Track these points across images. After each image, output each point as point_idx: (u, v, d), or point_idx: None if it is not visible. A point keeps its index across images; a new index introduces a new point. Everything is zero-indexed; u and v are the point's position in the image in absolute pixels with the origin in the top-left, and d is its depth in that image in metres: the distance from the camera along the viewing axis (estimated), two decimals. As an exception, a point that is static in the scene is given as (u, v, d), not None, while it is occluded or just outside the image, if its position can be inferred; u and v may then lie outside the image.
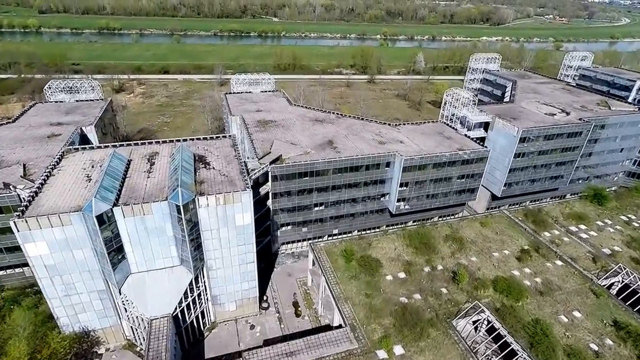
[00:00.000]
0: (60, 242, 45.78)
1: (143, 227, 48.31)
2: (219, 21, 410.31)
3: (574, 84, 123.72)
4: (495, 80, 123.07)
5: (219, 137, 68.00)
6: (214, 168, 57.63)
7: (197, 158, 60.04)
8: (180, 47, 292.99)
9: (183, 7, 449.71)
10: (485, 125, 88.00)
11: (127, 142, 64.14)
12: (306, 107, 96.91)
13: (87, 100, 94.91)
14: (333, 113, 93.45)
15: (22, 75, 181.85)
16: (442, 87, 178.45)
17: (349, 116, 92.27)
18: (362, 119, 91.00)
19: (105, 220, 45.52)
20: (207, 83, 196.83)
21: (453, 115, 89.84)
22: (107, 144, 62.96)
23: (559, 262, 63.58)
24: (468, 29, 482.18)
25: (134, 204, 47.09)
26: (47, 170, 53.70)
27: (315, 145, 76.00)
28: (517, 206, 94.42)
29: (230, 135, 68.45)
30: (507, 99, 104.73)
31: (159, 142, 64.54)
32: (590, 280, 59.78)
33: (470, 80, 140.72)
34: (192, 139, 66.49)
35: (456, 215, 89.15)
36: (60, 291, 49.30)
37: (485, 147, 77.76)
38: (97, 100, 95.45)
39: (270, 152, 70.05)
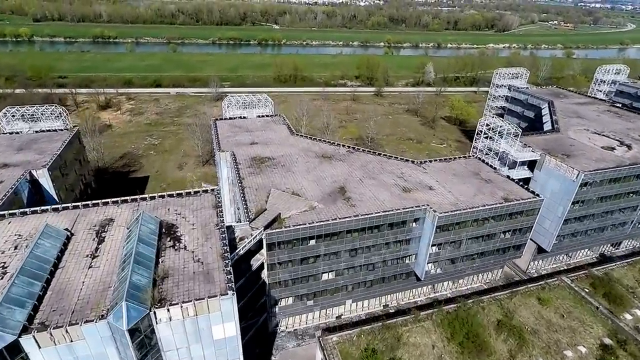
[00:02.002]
0: (-61, 391, 29.86)
1: (72, 357, 32.31)
2: (217, 29, 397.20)
3: (619, 104, 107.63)
4: (527, 100, 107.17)
5: (197, 192, 51.96)
6: (185, 247, 41.60)
7: (164, 230, 44.09)
8: (176, 56, 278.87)
9: (181, 15, 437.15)
10: (531, 163, 72.00)
11: (73, 204, 47.95)
12: (310, 138, 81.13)
13: (49, 131, 79.19)
14: (343, 146, 77.59)
15: (1, 91, 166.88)
16: (457, 102, 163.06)
17: (362, 150, 76.31)
18: (379, 154, 75.01)
19: (5, 358, 29.60)
20: (202, 97, 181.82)
21: (490, 150, 73.87)
22: (45, 207, 47.06)
23: (656, 367, 47.48)
24: (473, 35, 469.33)
25: (54, 327, 31.10)
26: (-53, 258, 37.90)
27: (323, 194, 60.07)
28: (567, 258, 78.54)
29: (213, 190, 52.44)
30: (547, 124, 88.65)
31: (116, 202, 48.57)
32: None
33: (494, 97, 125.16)
34: (163, 197, 50.49)
35: (495, 273, 73.00)
36: None
37: (537, 194, 61.69)
38: (61, 130, 79.75)
39: (265, 210, 54.12)
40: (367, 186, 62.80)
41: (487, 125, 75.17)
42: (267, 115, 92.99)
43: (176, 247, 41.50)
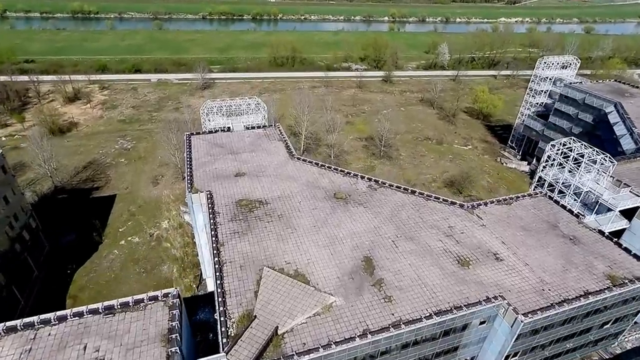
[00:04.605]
0: None
1: None
2: (208, 2, 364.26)
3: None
4: (584, 100, 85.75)
5: (140, 301, 31.59)
6: None
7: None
8: (161, 34, 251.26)
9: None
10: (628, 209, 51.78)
11: None
12: (317, 165, 60.05)
13: (-39, 157, 58.12)
14: (362, 177, 56.76)
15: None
16: (482, 93, 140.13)
17: (388, 185, 55.53)
18: (413, 192, 54.37)
19: None
20: (187, 86, 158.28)
21: (567, 186, 53.39)
22: None
23: None
24: (483, 8, 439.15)
25: None
26: None
27: (341, 273, 39.99)
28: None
29: (167, 295, 32.15)
30: (626, 140, 67.55)
31: (6, 334, 28.35)
32: None
33: (535, 92, 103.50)
34: (80, 315, 30.19)
35: None
36: None
37: (655, 268, 41.98)
38: (-21, 155, 58.58)
39: (254, 317, 34.21)
40: (404, 255, 42.66)
41: (561, 149, 54.40)
42: (258, 127, 71.63)
43: None
